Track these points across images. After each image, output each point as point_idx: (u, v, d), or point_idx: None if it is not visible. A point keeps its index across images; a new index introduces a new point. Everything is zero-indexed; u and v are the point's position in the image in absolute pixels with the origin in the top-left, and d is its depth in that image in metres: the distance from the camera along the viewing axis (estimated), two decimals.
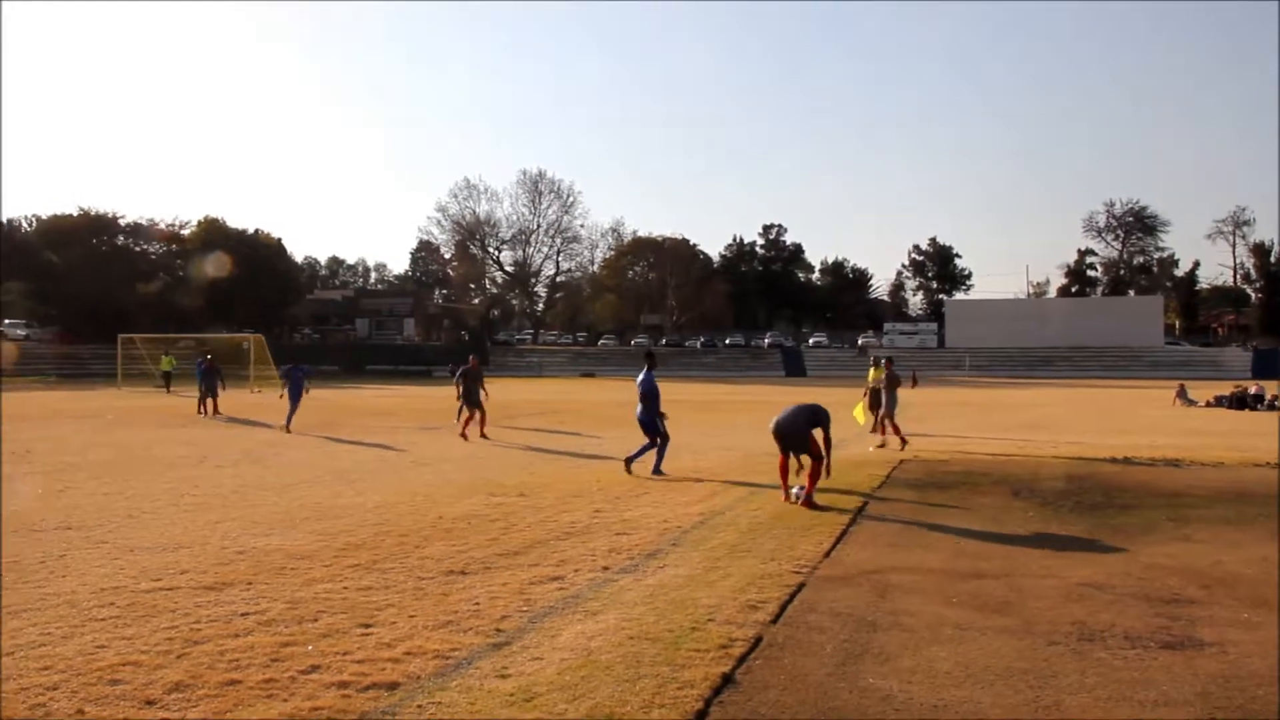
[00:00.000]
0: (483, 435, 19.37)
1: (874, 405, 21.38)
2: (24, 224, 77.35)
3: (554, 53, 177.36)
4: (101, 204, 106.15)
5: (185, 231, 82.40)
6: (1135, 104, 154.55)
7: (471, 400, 19.53)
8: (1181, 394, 35.01)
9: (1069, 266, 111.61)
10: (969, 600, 6.64)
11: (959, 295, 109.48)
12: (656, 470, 13.49)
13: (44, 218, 76.56)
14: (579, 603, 6.59)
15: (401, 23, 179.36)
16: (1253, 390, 32.87)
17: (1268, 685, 4.96)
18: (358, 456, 16.15)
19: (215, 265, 74.95)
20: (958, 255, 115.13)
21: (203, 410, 26.69)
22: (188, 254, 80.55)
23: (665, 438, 13.82)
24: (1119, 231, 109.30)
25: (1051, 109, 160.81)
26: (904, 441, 17.30)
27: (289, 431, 20.14)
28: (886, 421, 18.19)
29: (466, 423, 19.45)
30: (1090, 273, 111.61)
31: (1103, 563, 7.85)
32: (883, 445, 17.52)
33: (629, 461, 13.73)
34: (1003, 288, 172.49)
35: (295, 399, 21.36)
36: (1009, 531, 9.30)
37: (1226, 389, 34.63)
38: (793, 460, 11.38)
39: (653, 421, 13.69)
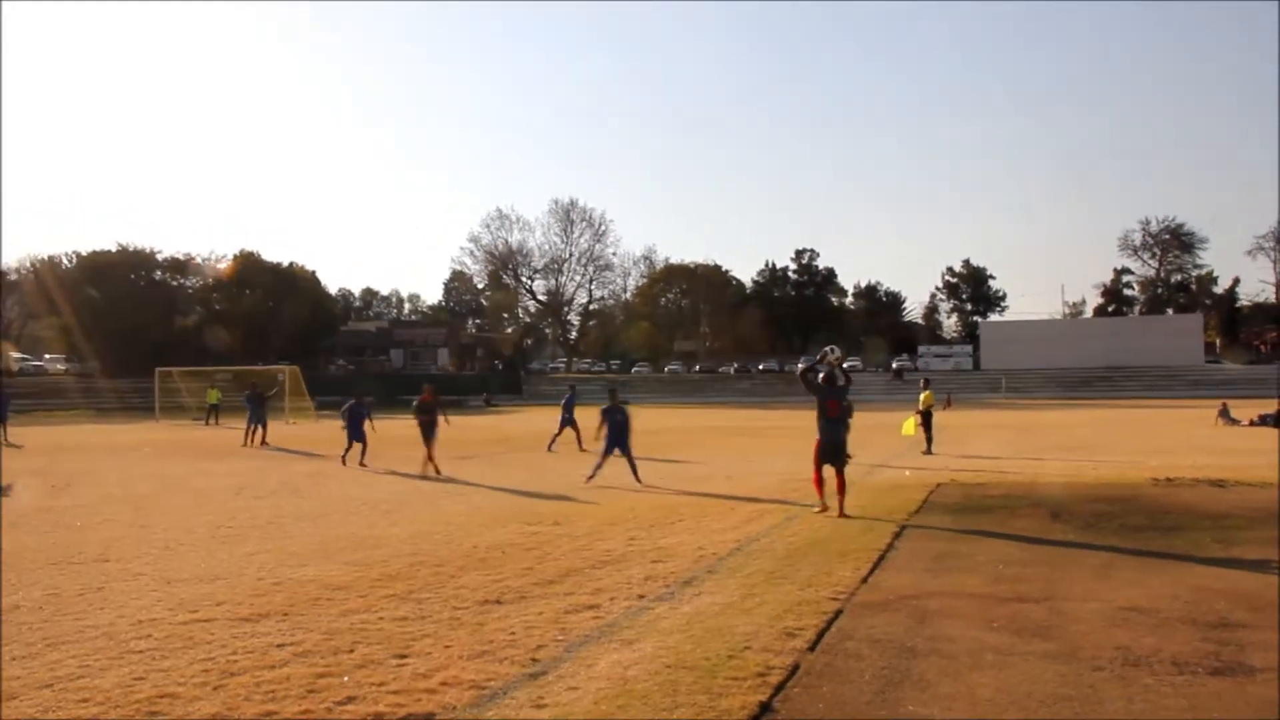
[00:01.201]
0: (361, 464, 19.78)
1: (928, 426, 21.52)
2: (64, 260, 78.74)
3: (586, 80, 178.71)
4: (140, 239, 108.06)
5: (221, 265, 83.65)
6: (1172, 119, 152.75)
7: (428, 434, 18.71)
8: (1224, 413, 34.41)
9: (1105, 286, 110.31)
10: (1009, 624, 6.53)
11: (994, 317, 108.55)
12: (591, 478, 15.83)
13: (84, 254, 78.00)
14: (615, 631, 6.56)
15: (431, 49, 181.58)
16: None
17: None
18: (393, 487, 16.23)
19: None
20: (991, 276, 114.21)
21: (249, 440, 27.14)
22: (224, 287, 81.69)
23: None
24: (1155, 249, 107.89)
25: (1085, 126, 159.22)
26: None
27: (363, 465, 19.79)
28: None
29: (429, 460, 18.44)
30: (1127, 291, 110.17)
31: (1147, 586, 7.71)
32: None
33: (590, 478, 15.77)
34: (1038, 309, 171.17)
35: (358, 435, 20.53)
36: (1049, 554, 9.17)
37: (1271, 407, 33.99)
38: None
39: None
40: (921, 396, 22.82)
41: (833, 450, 12.20)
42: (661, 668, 5.67)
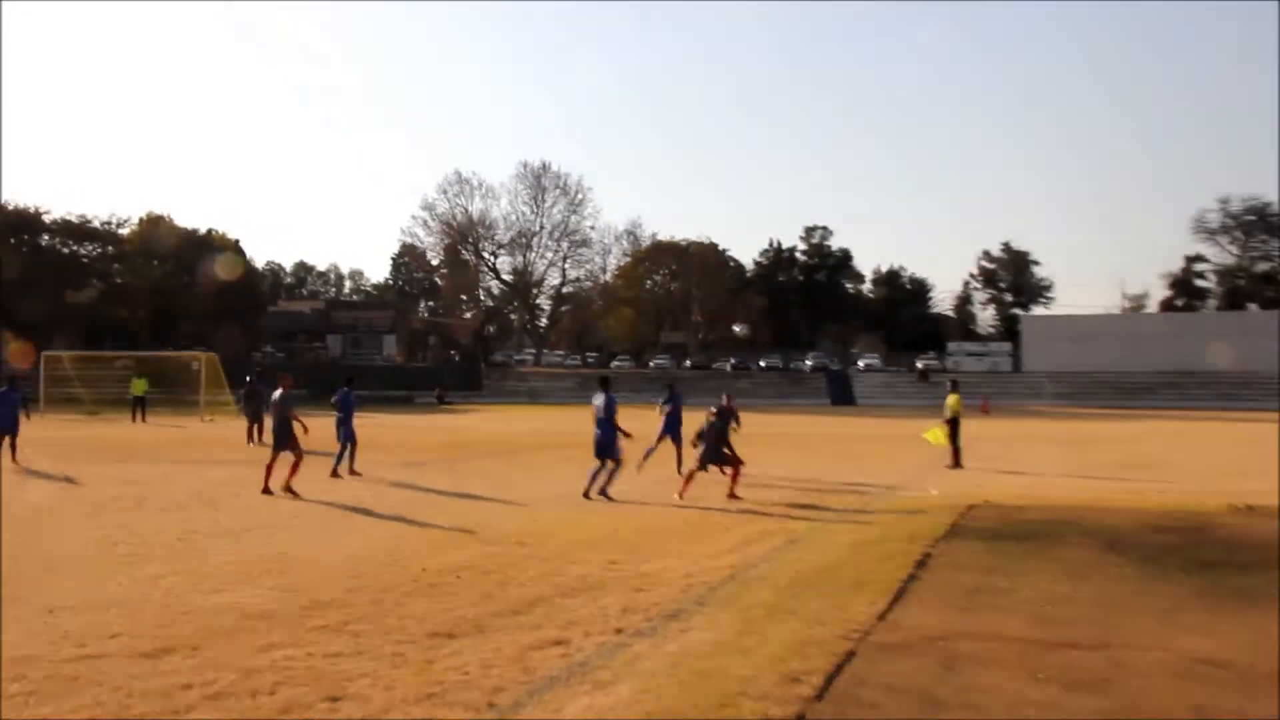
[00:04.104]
0: (353, 472, 19.35)
1: (954, 436, 21.62)
2: None
3: (553, 25, 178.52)
4: (23, 197, 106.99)
5: (124, 230, 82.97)
6: (1251, 76, 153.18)
7: (280, 438, 17.41)
8: None
9: (1173, 275, 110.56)
10: (1057, 675, 6.54)
11: (1038, 310, 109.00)
12: (603, 492, 16.07)
13: None
14: (587, 672, 6.54)
15: None
16: None
17: None
18: (328, 497, 16.16)
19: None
20: (1036, 262, 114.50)
21: (252, 439, 27.58)
22: (126, 256, 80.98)
23: (619, 462, 16.33)
24: (1236, 233, 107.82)
25: (1151, 82, 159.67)
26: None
27: (355, 474, 19.27)
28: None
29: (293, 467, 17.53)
30: (1200, 282, 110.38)
31: (1223, 634, 7.71)
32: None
33: (587, 494, 16.03)
34: (1092, 301, 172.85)
35: (350, 432, 19.80)
36: (1103, 593, 9.18)
37: None
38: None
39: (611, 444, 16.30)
40: (948, 401, 22.88)
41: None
42: (641, 715, 5.64)
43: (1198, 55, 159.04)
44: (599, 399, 16.82)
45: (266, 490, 16.44)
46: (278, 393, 17.35)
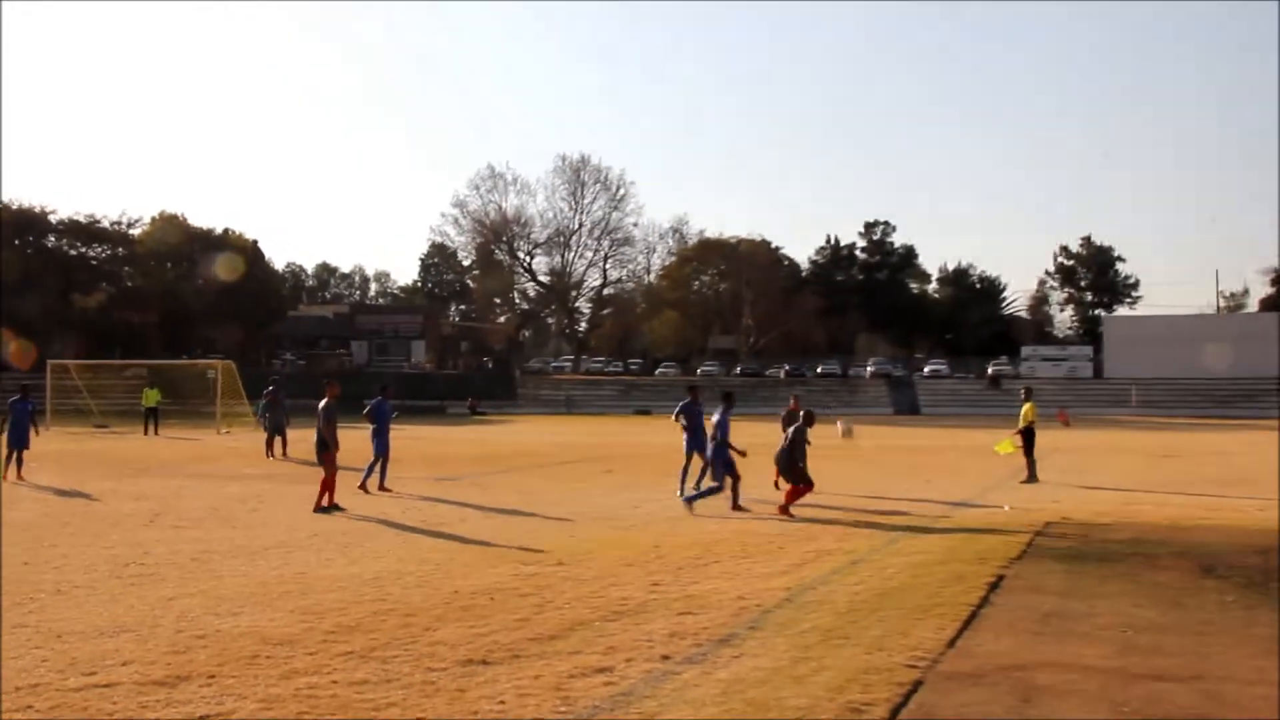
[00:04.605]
0: (383, 488, 19.29)
1: (1029, 447, 21.57)
2: None
3: (599, 15, 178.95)
4: (28, 196, 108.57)
5: (135, 231, 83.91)
6: None
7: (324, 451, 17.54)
8: None
9: (1276, 271, 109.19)
10: (1146, 709, 6.47)
11: (1122, 310, 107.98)
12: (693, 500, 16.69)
13: None
14: (632, 701, 6.54)
15: None
16: None
17: None
18: (354, 513, 16.28)
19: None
20: (1120, 259, 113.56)
21: (271, 452, 28.10)
22: (138, 259, 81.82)
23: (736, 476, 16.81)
24: None
25: (1239, 52, 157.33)
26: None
27: (384, 490, 19.31)
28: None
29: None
30: None
31: None
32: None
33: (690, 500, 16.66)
34: (1182, 301, 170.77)
35: (384, 445, 19.77)
36: (1198, 620, 9.06)
37: None
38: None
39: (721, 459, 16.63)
40: (1023, 410, 22.73)
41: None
42: None
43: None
44: (719, 414, 17.13)
45: (330, 506, 16.47)
46: (323, 402, 17.63)
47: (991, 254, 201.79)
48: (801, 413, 17.67)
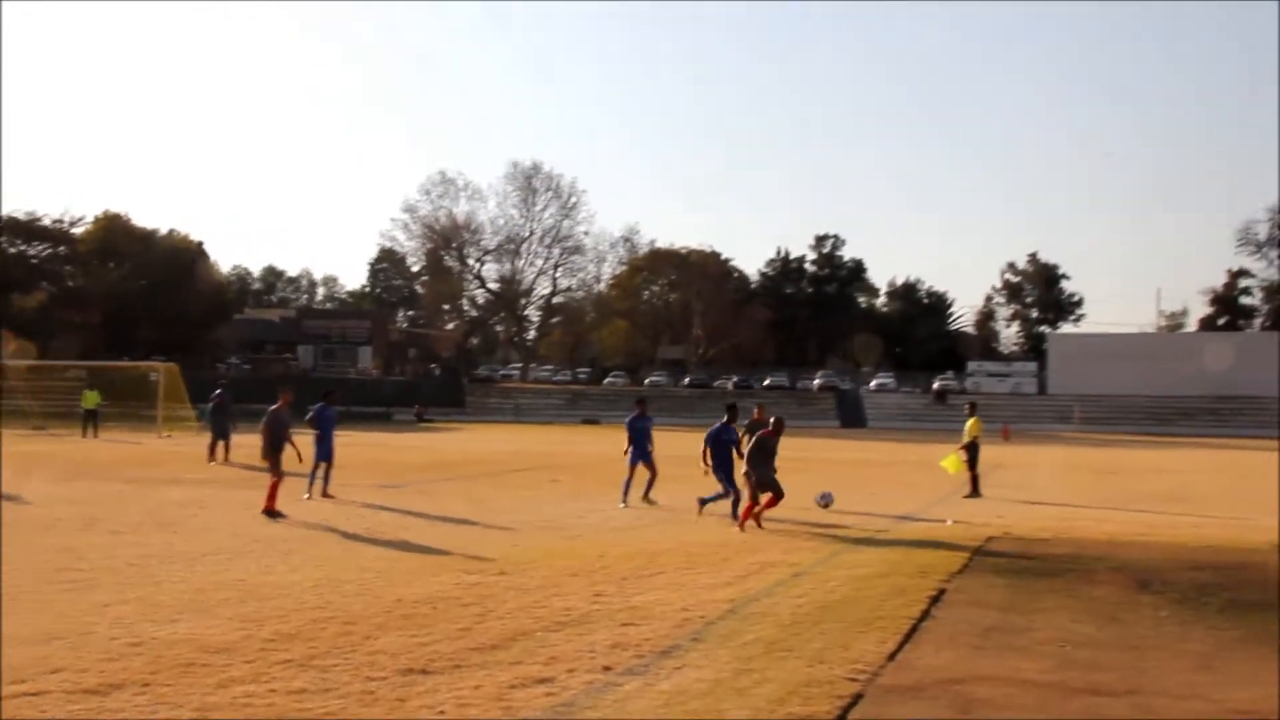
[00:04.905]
0: (326, 494, 19.14)
1: (972, 462, 21.77)
2: None
3: (547, 23, 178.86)
4: None
5: (78, 230, 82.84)
6: None
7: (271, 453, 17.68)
8: None
9: (1215, 291, 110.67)
10: None
11: (1066, 327, 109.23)
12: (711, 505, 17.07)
13: None
14: (572, 712, 6.53)
15: None
16: None
17: None
18: (292, 520, 16.14)
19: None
20: (1065, 276, 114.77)
21: (213, 457, 27.73)
22: (80, 258, 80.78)
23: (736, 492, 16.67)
24: None
25: (1193, 80, 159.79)
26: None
27: (327, 496, 19.14)
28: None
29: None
30: (1245, 300, 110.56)
31: (1265, 683, 7.66)
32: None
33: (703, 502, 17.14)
34: (1125, 319, 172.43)
35: (328, 451, 19.66)
36: (1134, 635, 9.17)
37: None
38: None
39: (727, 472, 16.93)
40: (967, 425, 22.91)
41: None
42: None
43: (1243, 51, 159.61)
44: (718, 425, 17.73)
45: (272, 512, 16.41)
46: (274, 407, 17.68)
47: (939, 269, 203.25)
48: (771, 420, 17.48)
